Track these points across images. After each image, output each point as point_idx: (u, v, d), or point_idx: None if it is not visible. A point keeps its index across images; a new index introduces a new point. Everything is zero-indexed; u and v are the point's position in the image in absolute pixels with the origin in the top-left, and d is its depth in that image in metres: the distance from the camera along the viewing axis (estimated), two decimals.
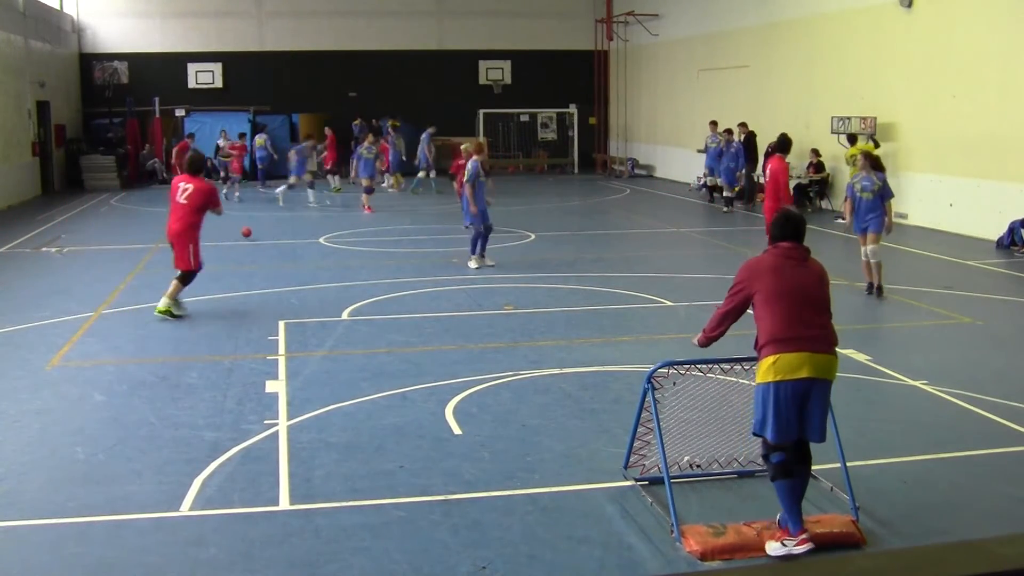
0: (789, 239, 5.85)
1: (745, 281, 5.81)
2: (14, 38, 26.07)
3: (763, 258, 5.88)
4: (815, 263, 5.88)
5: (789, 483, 5.66)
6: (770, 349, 5.59)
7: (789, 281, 5.69)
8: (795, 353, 5.53)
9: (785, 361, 5.53)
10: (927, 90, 19.23)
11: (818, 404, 5.61)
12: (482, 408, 8.37)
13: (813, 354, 5.55)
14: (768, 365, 5.58)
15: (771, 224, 6.01)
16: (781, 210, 6.13)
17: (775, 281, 5.69)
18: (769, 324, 5.63)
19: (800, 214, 6.11)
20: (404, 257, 16.30)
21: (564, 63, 35.56)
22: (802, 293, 5.68)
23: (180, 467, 7.07)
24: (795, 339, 5.55)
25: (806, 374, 5.52)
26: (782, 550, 5.64)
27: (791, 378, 5.52)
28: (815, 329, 5.61)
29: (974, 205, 18.16)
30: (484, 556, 5.69)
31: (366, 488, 6.70)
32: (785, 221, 5.92)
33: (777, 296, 5.65)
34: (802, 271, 5.76)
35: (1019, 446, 7.47)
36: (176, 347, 10.63)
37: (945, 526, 6.12)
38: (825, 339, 5.64)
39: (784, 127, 23.45)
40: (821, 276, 5.84)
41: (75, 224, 21.30)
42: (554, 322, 11.63)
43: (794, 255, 5.81)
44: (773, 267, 5.76)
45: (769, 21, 25.12)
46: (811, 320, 5.62)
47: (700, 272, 14.55)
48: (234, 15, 33.98)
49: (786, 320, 5.59)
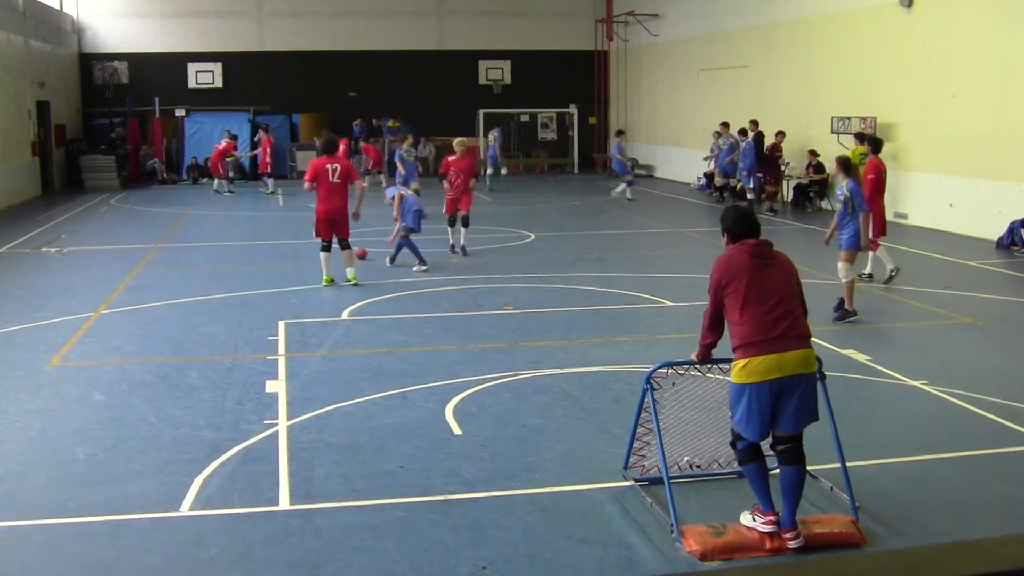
0: (752, 235, 5.87)
1: (722, 278, 5.83)
2: (14, 38, 26.07)
3: (735, 256, 5.85)
4: (781, 257, 5.91)
5: (756, 466, 5.82)
6: (741, 353, 5.68)
7: (758, 283, 5.72)
8: (764, 356, 5.60)
9: (755, 364, 5.62)
10: (927, 90, 19.23)
11: (796, 397, 5.66)
12: (482, 408, 8.37)
13: (783, 354, 5.61)
14: (740, 368, 5.69)
15: (725, 220, 6.00)
16: (732, 206, 6.17)
17: (746, 283, 5.72)
18: (739, 328, 5.70)
19: (749, 208, 6.16)
20: (404, 257, 16.30)
21: (564, 63, 35.57)
22: (769, 293, 5.71)
23: (180, 467, 7.07)
24: (764, 342, 5.62)
25: (776, 375, 5.60)
26: (749, 522, 5.87)
27: (763, 380, 5.61)
28: (782, 328, 5.65)
29: (974, 205, 18.16)
30: (484, 556, 5.69)
31: (366, 488, 6.70)
32: (740, 216, 5.95)
33: (746, 299, 5.69)
34: (769, 270, 5.78)
35: (1019, 446, 7.47)
36: (176, 347, 10.63)
37: (945, 526, 6.12)
38: (796, 336, 5.68)
39: (784, 127, 23.55)
40: (787, 271, 5.86)
41: (75, 224, 21.31)
42: (554, 322, 11.63)
43: (762, 253, 5.83)
44: (745, 267, 5.75)
45: (769, 21, 25.11)
46: (778, 320, 5.66)
47: (700, 272, 14.51)
48: (234, 15, 33.98)
49: (754, 324, 5.65)
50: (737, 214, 5.99)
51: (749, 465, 5.86)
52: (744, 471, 5.95)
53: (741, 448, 5.85)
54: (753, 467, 5.84)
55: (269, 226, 21.50)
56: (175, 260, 16.51)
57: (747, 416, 5.69)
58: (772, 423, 5.72)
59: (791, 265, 5.93)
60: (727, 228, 5.98)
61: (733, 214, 6.00)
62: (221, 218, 22.94)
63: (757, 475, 5.83)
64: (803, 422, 5.73)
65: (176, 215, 22.98)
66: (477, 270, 15.00)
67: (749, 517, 5.91)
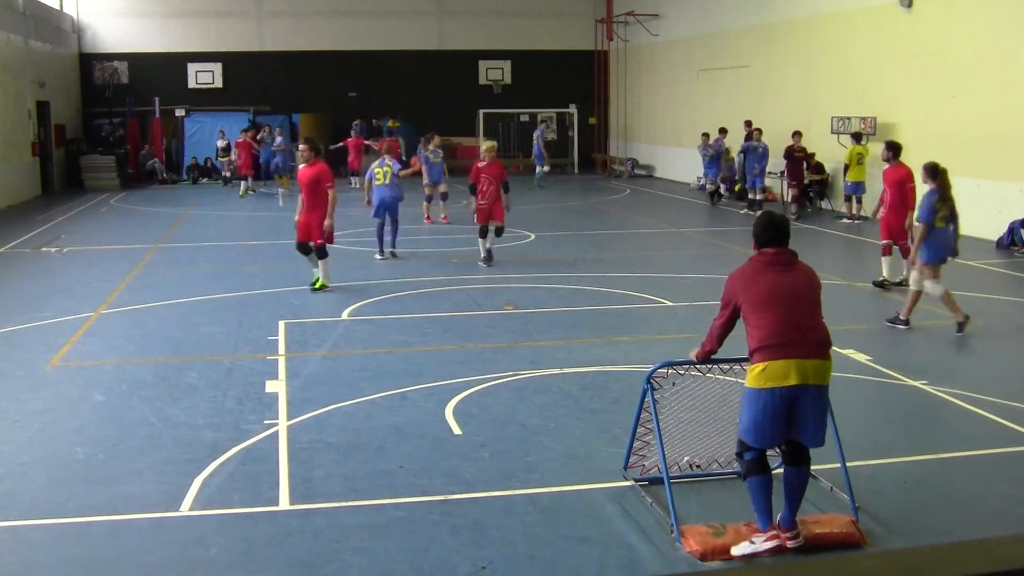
0: (775, 243, 5.78)
1: (732, 293, 5.77)
2: (14, 38, 26.06)
3: (747, 268, 5.80)
4: (803, 267, 5.81)
5: (761, 479, 5.67)
6: (759, 356, 5.56)
7: (776, 287, 5.63)
8: (783, 360, 5.49)
9: (773, 368, 5.50)
10: (927, 90, 19.23)
11: (811, 409, 5.56)
12: (482, 408, 8.37)
13: (802, 360, 5.50)
14: (757, 372, 5.56)
15: (755, 225, 5.91)
16: (764, 213, 6.05)
17: (761, 289, 5.64)
18: (757, 331, 5.59)
19: (784, 216, 6.03)
20: (404, 256, 16.30)
21: (564, 63, 35.56)
22: (789, 299, 5.62)
23: (180, 467, 7.07)
24: (783, 345, 5.51)
25: (795, 381, 5.48)
26: (749, 548, 5.64)
27: (779, 385, 5.49)
28: (804, 334, 5.55)
29: (974, 205, 18.12)
30: (484, 556, 5.69)
31: (366, 488, 6.70)
32: (769, 223, 5.83)
33: (764, 303, 5.60)
34: (788, 276, 5.69)
35: (1019, 446, 7.47)
36: (176, 347, 10.63)
37: (945, 526, 6.12)
38: (815, 343, 5.58)
39: (784, 127, 23.53)
40: (809, 280, 5.77)
41: (75, 224, 21.31)
42: (554, 322, 11.63)
43: (780, 260, 5.73)
44: (758, 275, 5.69)
45: (769, 21, 25.11)
46: (800, 325, 5.56)
47: (700, 272, 14.55)
48: (234, 15, 33.98)
49: (774, 327, 5.54)
50: (767, 220, 5.87)
51: (754, 478, 5.67)
52: (747, 484, 5.74)
53: (748, 460, 5.68)
54: (757, 480, 5.66)
55: (269, 226, 21.49)
56: (175, 260, 16.50)
57: (758, 421, 5.54)
58: (786, 431, 5.59)
59: (813, 275, 5.83)
60: (755, 234, 5.86)
61: (763, 220, 5.89)
62: (221, 218, 22.94)
63: (760, 489, 5.66)
64: (820, 438, 5.61)
65: (176, 215, 22.98)
66: (477, 270, 15.00)
67: (745, 544, 5.67)
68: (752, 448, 5.66)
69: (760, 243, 5.82)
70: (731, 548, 5.68)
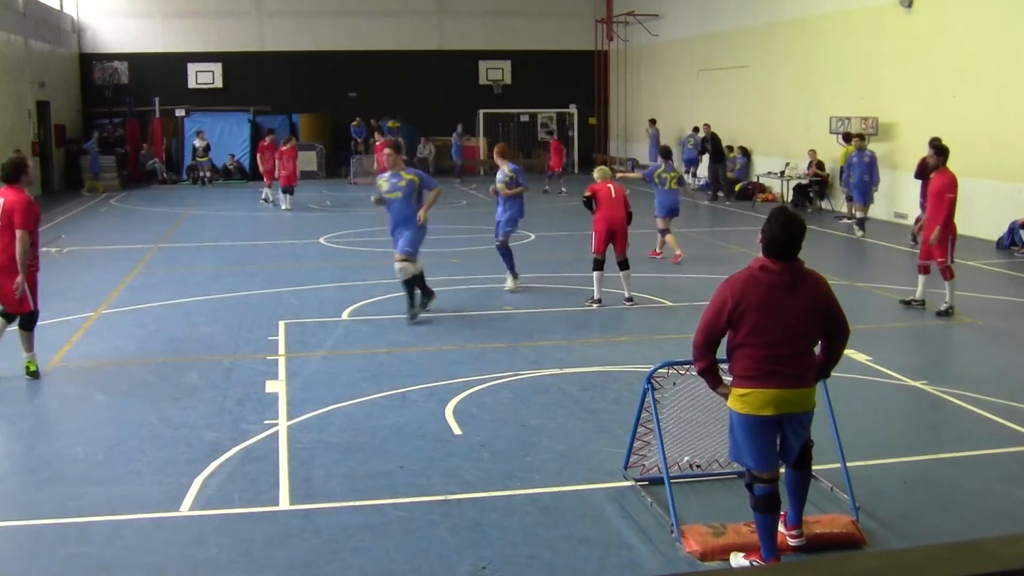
0: (782, 255, 5.28)
1: (722, 304, 5.33)
2: (14, 38, 26.06)
3: (745, 280, 5.33)
4: (809, 285, 5.37)
5: (771, 517, 5.49)
6: (741, 383, 5.35)
7: (772, 313, 5.25)
8: (765, 390, 5.29)
9: (755, 397, 5.32)
10: (927, 90, 19.22)
11: (793, 434, 5.43)
12: (482, 408, 8.36)
13: (784, 391, 5.30)
14: (738, 396, 5.38)
15: (769, 219, 5.37)
16: (782, 210, 5.47)
17: (756, 310, 5.25)
18: (742, 358, 5.34)
19: (802, 222, 5.42)
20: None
21: (564, 63, 35.55)
22: (784, 327, 5.26)
23: (180, 467, 7.07)
24: (768, 375, 5.28)
25: (773, 411, 5.31)
26: (743, 562, 5.57)
27: (760, 414, 5.34)
28: (792, 366, 5.31)
29: (974, 205, 18.14)
30: (484, 556, 5.69)
31: (366, 488, 6.70)
32: (786, 222, 5.30)
33: (754, 328, 5.28)
34: (789, 301, 5.28)
35: (1019, 446, 7.47)
36: (176, 347, 10.62)
37: (945, 526, 6.12)
38: (800, 376, 5.35)
39: (784, 127, 23.56)
40: (810, 303, 5.33)
41: (75, 224, 21.30)
42: (554, 322, 11.63)
43: (782, 282, 5.29)
44: (755, 292, 5.26)
45: (769, 21, 25.11)
46: (788, 356, 5.29)
47: (700, 272, 14.54)
48: (234, 15, 33.97)
49: (761, 357, 5.28)
50: (783, 220, 5.32)
51: (764, 516, 5.47)
52: (755, 517, 5.52)
53: (759, 496, 5.44)
54: (767, 518, 5.47)
55: (269, 226, 21.49)
56: (175, 260, 16.50)
57: (751, 448, 5.41)
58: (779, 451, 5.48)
59: (819, 295, 5.39)
60: (764, 229, 5.34)
61: (780, 218, 5.33)
62: (221, 218, 22.93)
63: (769, 525, 5.50)
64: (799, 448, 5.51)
65: (176, 215, 22.97)
66: (477, 270, 14.99)
67: (741, 556, 5.62)
68: (759, 480, 5.45)
69: (766, 244, 5.33)
70: (730, 558, 5.63)
